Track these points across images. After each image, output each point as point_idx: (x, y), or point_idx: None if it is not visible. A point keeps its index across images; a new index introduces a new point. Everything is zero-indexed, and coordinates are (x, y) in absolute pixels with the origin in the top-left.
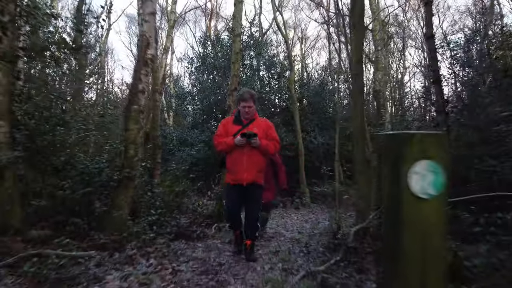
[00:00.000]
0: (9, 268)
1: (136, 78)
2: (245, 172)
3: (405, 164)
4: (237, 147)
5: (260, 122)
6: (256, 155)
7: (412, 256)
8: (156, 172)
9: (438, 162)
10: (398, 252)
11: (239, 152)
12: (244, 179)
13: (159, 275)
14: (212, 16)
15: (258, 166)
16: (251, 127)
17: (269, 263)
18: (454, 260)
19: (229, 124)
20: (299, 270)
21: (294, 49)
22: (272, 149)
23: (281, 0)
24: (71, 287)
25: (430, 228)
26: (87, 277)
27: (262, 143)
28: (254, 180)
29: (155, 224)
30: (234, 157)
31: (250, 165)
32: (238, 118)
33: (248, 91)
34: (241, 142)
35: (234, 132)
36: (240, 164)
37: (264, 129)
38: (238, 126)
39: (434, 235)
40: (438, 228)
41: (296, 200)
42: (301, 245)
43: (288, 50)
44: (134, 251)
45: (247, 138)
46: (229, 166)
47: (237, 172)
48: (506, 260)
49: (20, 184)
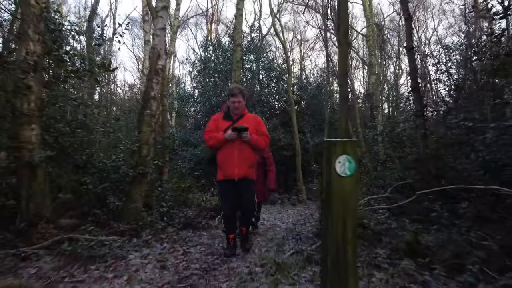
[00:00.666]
0: (46, 250)
1: (148, 86)
2: (236, 167)
3: (333, 157)
4: (227, 142)
5: (250, 118)
6: (247, 150)
7: (337, 210)
8: (164, 169)
9: (352, 156)
10: (331, 208)
11: (230, 147)
12: (235, 174)
13: (172, 255)
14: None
15: (249, 161)
16: (241, 122)
17: (266, 247)
18: (414, 239)
19: (219, 120)
20: (290, 250)
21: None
22: (262, 144)
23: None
24: (102, 263)
25: (347, 194)
26: (113, 256)
27: (252, 138)
28: (246, 175)
29: (166, 215)
30: (225, 153)
31: (241, 160)
32: (228, 114)
33: (237, 86)
34: (231, 137)
35: (225, 127)
36: (231, 159)
37: (254, 124)
38: (228, 122)
39: (350, 198)
40: (352, 194)
41: (293, 197)
42: (294, 233)
43: (286, 55)
44: (149, 237)
45: (238, 132)
46: (220, 161)
47: (228, 167)
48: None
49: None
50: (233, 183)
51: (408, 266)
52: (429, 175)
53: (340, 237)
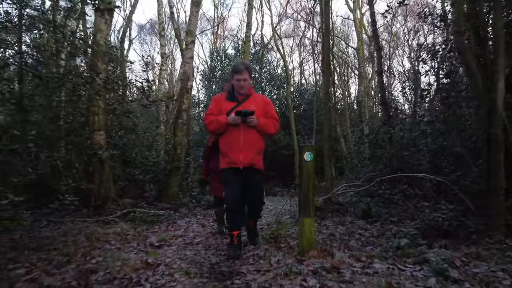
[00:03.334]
0: (119, 218)
1: (180, 101)
2: (241, 154)
3: (303, 152)
4: (231, 126)
5: (257, 99)
6: (254, 134)
7: (305, 181)
8: (191, 165)
9: (311, 152)
10: (302, 175)
11: (234, 131)
12: (240, 161)
13: (205, 221)
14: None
15: (257, 147)
16: (247, 104)
17: (270, 217)
18: (367, 208)
19: (222, 101)
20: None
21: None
22: (271, 128)
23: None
24: (162, 225)
25: (309, 169)
26: (168, 221)
27: (260, 122)
28: (252, 163)
29: (195, 199)
30: (229, 137)
31: (247, 145)
32: (232, 94)
33: (243, 62)
34: (235, 121)
35: (228, 109)
36: (236, 145)
37: (262, 106)
38: (232, 103)
39: (310, 171)
40: (311, 170)
41: (291, 190)
42: (290, 212)
43: (286, 67)
44: (186, 212)
45: (242, 117)
46: (223, 147)
47: (231, 153)
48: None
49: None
50: (238, 172)
51: (360, 223)
52: (392, 168)
53: (306, 188)
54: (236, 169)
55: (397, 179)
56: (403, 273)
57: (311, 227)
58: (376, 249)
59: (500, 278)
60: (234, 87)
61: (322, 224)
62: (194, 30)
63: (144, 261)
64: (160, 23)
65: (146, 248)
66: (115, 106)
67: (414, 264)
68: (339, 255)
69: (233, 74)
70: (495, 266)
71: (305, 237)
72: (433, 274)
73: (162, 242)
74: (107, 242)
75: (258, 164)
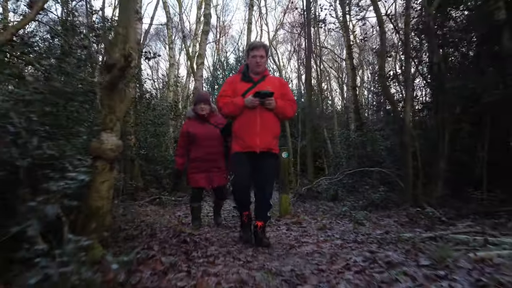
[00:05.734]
0: (146, 203)
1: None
2: (257, 137)
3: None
4: (247, 108)
5: (273, 80)
6: (271, 117)
7: (283, 172)
8: None
9: (287, 152)
10: (281, 170)
11: (251, 113)
12: (257, 145)
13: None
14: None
15: (274, 131)
16: (263, 84)
17: None
18: (335, 193)
19: (237, 82)
20: None
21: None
22: (290, 111)
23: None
24: (180, 206)
25: (286, 164)
26: (184, 204)
27: (278, 105)
28: (270, 147)
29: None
30: (244, 120)
31: (264, 129)
32: (247, 75)
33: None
34: (253, 103)
35: (243, 91)
36: (253, 127)
37: (279, 87)
38: (247, 84)
39: (286, 166)
40: (287, 165)
41: None
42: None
43: (280, 75)
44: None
45: (261, 98)
46: (238, 130)
47: (248, 137)
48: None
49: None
50: (253, 156)
51: (329, 203)
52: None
53: (283, 176)
54: (252, 153)
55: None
56: (336, 222)
57: (286, 199)
58: (328, 214)
59: (391, 224)
60: (249, 67)
61: (302, 205)
62: (203, 54)
63: (180, 221)
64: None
65: (176, 218)
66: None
67: (346, 219)
68: (303, 217)
69: (248, 52)
70: (393, 218)
71: (283, 207)
72: (353, 222)
73: (187, 215)
74: (148, 216)
75: (275, 149)
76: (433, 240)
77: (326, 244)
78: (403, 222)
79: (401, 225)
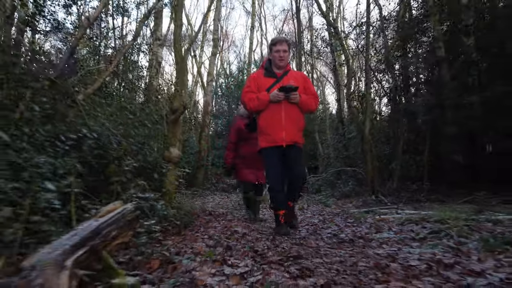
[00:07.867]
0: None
1: (203, 119)
2: (283, 131)
3: None
4: (272, 103)
5: (296, 74)
6: (296, 112)
7: None
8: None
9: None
10: None
11: (276, 108)
12: (282, 139)
13: (224, 197)
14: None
15: (298, 125)
16: (286, 79)
17: None
18: (318, 188)
19: (260, 78)
20: None
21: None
22: (313, 105)
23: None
24: (197, 198)
25: None
26: (204, 196)
27: (302, 99)
28: (295, 140)
29: (214, 185)
30: (269, 115)
31: (289, 122)
32: (270, 70)
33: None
34: (278, 98)
35: (268, 86)
36: (278, 122)
37: (302, 82)
38: (271, 79)
39: None
40: None
41: None
42: None
43: None
44: (209, 193)
45: (286, 93)
46: (263, 125)
47: (274, 131)
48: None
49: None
50: (280, 150)
51: (313, 195)
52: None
53: None
54: (279, 147)
55: (341, 170)
56: (312, 207)
57: None
58: (309, 201)
59: (349, 206)
60: (272, 62)
61: None
62: (212, 72)
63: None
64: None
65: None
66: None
67: (321, 205)
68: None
69: (271, 48)
70: (353, 203)
71: None
72: (322, 205)
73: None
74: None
75: (300, 142)
76: (367, 213)
77: (301, 216)
78: (357, 205)
79: (356, 207)
